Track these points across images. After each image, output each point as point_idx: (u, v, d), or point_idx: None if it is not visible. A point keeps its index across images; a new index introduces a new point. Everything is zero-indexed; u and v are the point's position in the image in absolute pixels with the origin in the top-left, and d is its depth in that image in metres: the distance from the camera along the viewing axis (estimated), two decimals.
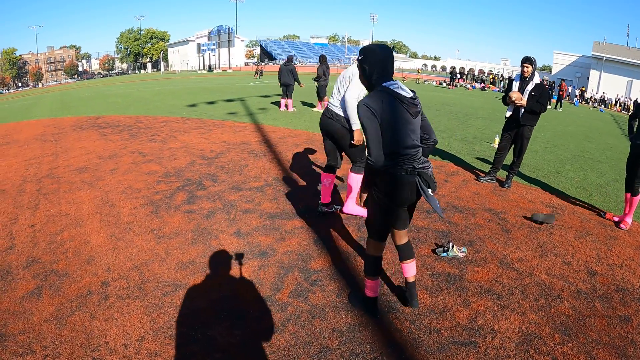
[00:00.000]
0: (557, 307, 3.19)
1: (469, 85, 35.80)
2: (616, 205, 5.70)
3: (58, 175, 5.89)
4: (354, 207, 4.41)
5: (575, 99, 33.64)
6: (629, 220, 4.83)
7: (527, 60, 5.56)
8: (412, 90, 2.51)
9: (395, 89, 2.42)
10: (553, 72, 46.39)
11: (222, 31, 46.74)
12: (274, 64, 64.51)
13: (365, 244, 2.84)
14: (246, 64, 67.23)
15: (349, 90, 3.88)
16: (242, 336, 2.58)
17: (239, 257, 3.52)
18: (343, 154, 4.38)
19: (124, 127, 9.52)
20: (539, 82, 5.57)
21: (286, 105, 12.45)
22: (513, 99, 5.54)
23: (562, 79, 31.60)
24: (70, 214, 4.50)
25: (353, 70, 3.96)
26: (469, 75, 50.98)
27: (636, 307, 3.30)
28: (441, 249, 3.80)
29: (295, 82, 12.29)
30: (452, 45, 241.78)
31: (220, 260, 3.47)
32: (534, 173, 6.85)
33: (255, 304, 2.90)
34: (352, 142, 4.07)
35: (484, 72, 51.76)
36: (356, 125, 3.95)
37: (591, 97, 37.50)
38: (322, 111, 5.13)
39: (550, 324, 2.97)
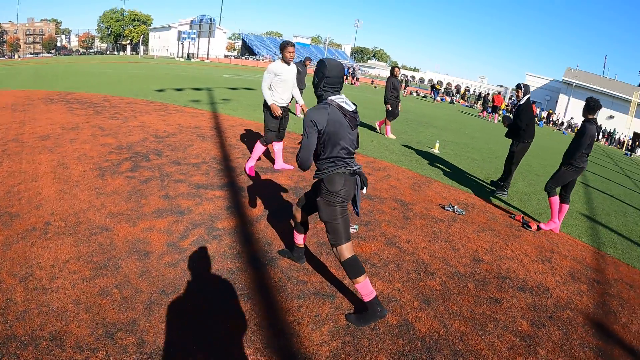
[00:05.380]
0: (427, 281, 3.55)
1: (438, 98, 36.87)
2: (533, 212, 6.25)
3: (23, 140, 6.35)
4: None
5: (541, 121, 34.44)
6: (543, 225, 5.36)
7: (517, 86, 6.71)
8: (354, 104, 2.83)
9: (340, 103, 2.72)
10: None
11: (204, 21, 46.19)
12: (253, 59, 64.29)
13: (337, 254, 2.87)
14: (226, 56, 66.47)
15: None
16: (144, 267, 3.25)
17: (160, 212, 4.19)
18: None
19: (90, 104, 9.92)
20: (522, 103, 6.54)
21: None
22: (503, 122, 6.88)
23: (533, 101, 32.60)
24: (28, 171, 5.02)
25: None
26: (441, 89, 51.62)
27: (511, 293, 3.58)
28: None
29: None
30: (432, 58, 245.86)
31: (143, 213, 4.12)
32: (463, 177, 7.48)
33: (161, 247, 3.58)
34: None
35: (457, 87, 52.98)
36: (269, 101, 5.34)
37: (557, 119, 38.37)
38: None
39: (414, 292, 3.35)
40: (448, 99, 38.86)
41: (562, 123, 37.55)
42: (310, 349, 2.61)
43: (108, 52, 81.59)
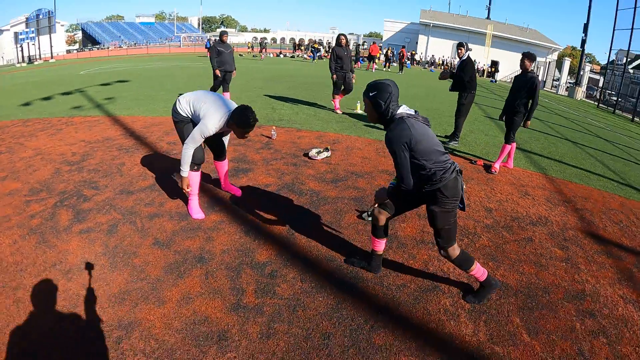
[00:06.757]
0: (478, 242, 3.63)
1: (305, 55, 35.94)
2: (480, 152, 6.53)
3: None
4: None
5: (407, 62, 36.05)
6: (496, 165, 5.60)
7: (459, 45, 6.63)
8: (415, 110, 2.56)
9: (409, 113, 2.47)
10: (384, 39, 48.94)
11: (41, 16, 37.36)
12: (98, 48, 56.08)
13: (447, 255, 2.67)
14: (68, 51, 56.23)
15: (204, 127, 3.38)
16: (240, 355, 2.25)
17: (175, 269, 2.97)
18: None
19: None
20: (464, 59, 6.50)
21: None
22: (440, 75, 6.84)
23: (403, 46, 33.12)
24: None
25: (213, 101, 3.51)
26: (307, 45, 49.31)
27: (531, 230, 3.94)
28: (365, 213, 3.81)
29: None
30: (282, 17, 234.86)
31: (155, 280, 2.86)
32: None
33: (229, 317, 2.51)
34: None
35: (319, 41, 51.44)
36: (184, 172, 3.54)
37: (420, 59, 40.47)
38: None
39: (481, 256, 3.38)
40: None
41: (427, 62, 39.98)
42: (473, 343, 2.47)
43: None
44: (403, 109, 2.48)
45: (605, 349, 2.46)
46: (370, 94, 2.43)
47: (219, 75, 8.79)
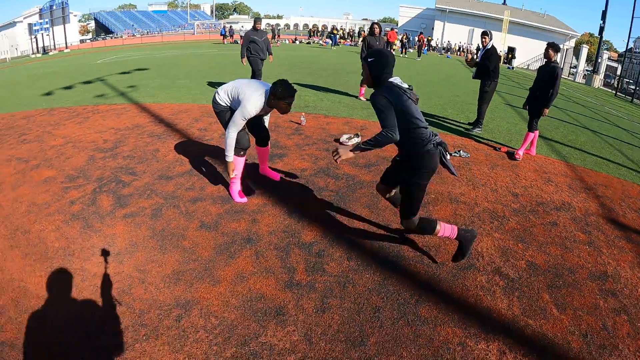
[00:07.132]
0: (507, 224, 3.77)
1: (321, 42, 35.59)
2: (502, 139, 6.56)
3: None
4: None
5: (424, 48, 35.38)
6: (520, 152, 5.66)
7: (484, 33, 6.75)
8: (409, 85, 2.72)
9: (399, 83, 2.66)
10: (399, 25, 47.75)
11: (55, 6, 37.47)
12: (111, 37, 56.35)
13: (407, 225, 2.86)
14: (82, 41, 56.55)
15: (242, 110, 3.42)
16: (299, 329, 2.35)
17: (224, 250, 3.02)
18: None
19: None
20: (489, 47, 6.61)
21: None
22: (466, 62, 6.98)
23: (421, 32, 32.20)
24: None
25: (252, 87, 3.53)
26: (323, 32, 48.02)
27: (556, 214, 4.08)
28: None
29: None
30: (295, 2, 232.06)
31: (207, 260, 2.93)
32: (427, 120, 7.23)
33: (283, 294, 2.61)
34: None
35: (327, 28, 50.23)
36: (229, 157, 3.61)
37: (437, 45, 39.58)
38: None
39: (511, 238, 3.54)
40: (330, 41, 37.51)
41: (444, 48, 39.01)
42: (508, 316, 2.63)
43: None
44: (397, 80, 2.67)
45: (626, 325, 2.61)
46: (369, 60, 2.67)
47: (244, 64, 8.84)
